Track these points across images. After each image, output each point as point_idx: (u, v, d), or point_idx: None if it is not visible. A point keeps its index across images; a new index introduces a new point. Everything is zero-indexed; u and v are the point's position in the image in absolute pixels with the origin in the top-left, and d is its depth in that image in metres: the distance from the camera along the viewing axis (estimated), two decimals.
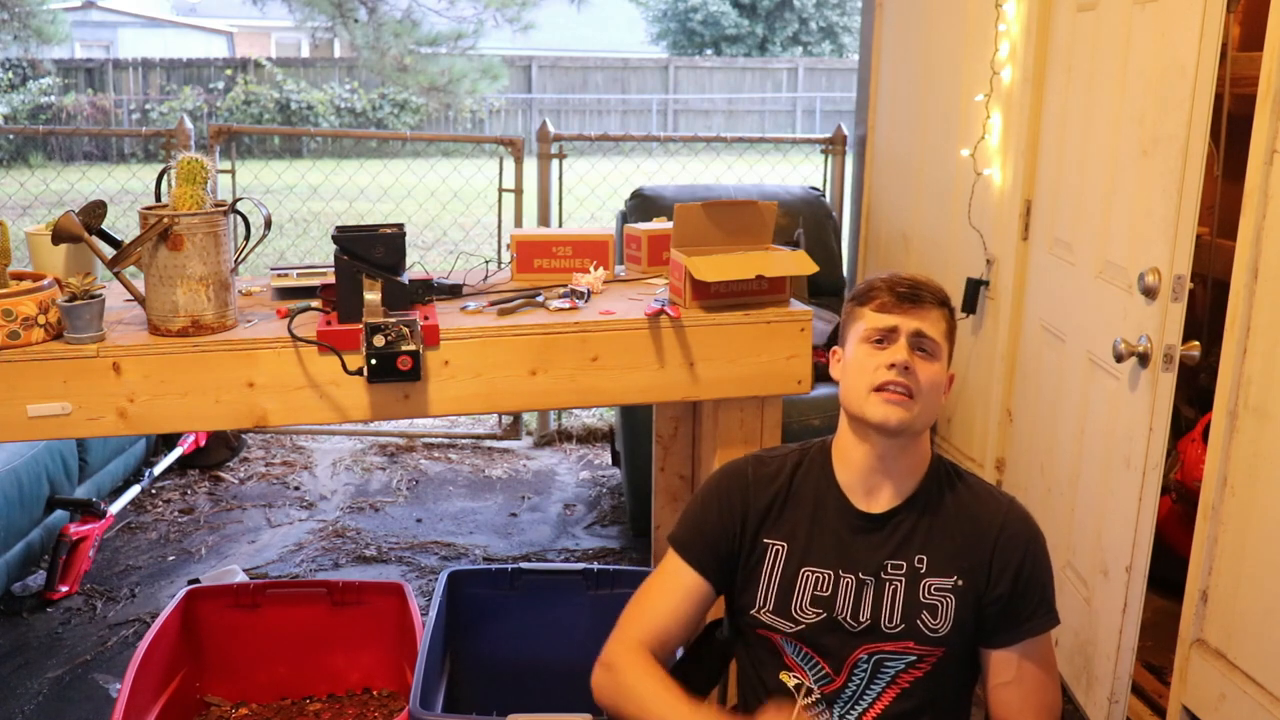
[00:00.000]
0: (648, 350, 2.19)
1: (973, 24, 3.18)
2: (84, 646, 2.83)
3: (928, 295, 1.55)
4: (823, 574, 1.56)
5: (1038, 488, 2.73)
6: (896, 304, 1.54)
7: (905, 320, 1.53)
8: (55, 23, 12.49)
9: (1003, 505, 1.58)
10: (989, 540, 1.55)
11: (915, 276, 1.58)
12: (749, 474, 1.64)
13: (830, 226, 3.88)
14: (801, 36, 22.21)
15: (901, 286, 1.55)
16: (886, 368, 1.51)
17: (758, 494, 1.61)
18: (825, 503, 1.59)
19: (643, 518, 3.29)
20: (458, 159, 7.23)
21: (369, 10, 11.71)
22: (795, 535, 1.59)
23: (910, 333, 1.53)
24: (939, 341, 1.54)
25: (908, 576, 1.54)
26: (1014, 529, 1.56)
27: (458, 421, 4.63)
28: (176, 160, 2.02)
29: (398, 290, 2.08)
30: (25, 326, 1.94)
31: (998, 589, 1.53)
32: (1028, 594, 1.54)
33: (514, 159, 4.17)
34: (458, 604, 2.41)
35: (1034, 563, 1.55)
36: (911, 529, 1.56)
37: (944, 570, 1.54)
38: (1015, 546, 1.54)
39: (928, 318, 1.54)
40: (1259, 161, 1.96)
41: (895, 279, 1.57)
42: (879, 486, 1.57)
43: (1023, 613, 1.54)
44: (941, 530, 1.56)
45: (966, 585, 1.53)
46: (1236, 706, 2.04)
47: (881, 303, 1.55)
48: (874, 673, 1.55)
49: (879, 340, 1.54)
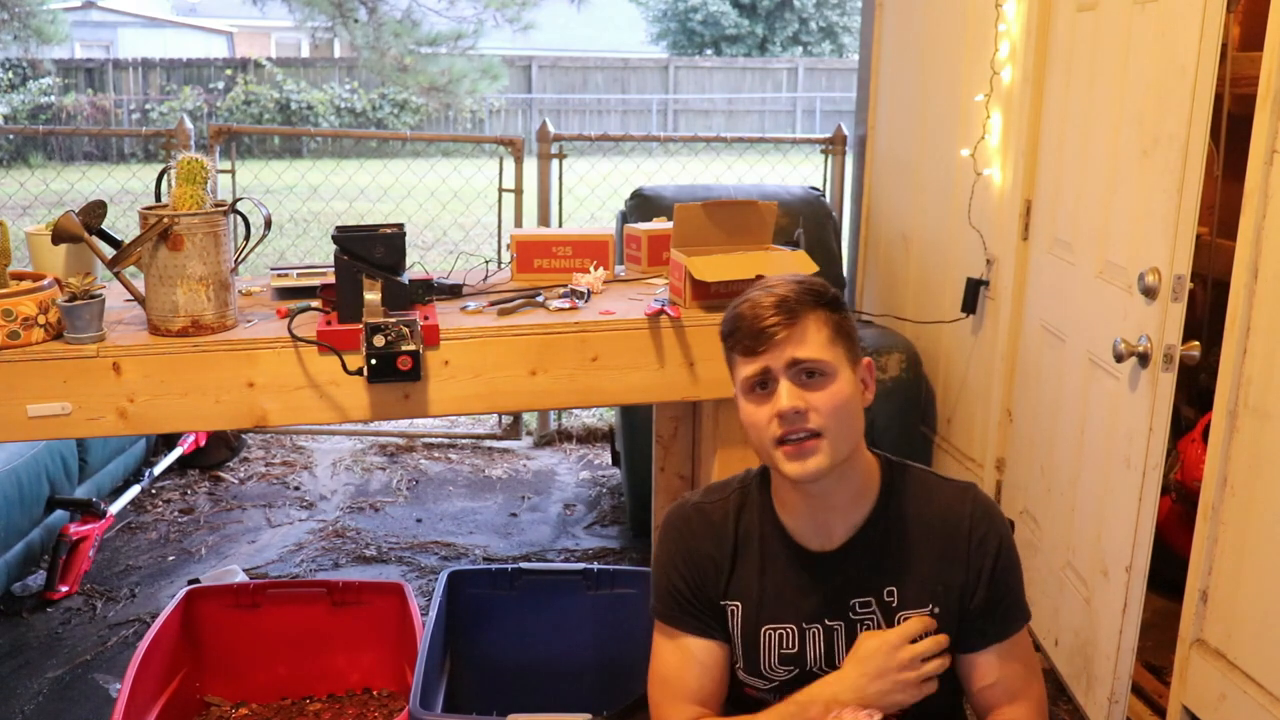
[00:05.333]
0: (648, 350, 2.19)
1: (973, 24, 3.18)
2: (84, 646, 2.83)
3: (793, 311, 1.37)
4: (785, 629, 1.47)
5: (1038, 488, 2.73)
6: (760, 341, 1.37)
7: (775, 356, 1.36)
8: (55, 23, 12.48)
9: (966, 505, 1.47)
10: (960, 551, 1.44)
11: (776, 290, 1.39)
12: (695, 526, 1.51)
13: (830, 226, 3.87)
14: (801, 36, 22.21)
15: (760, 318, 1.37)
16: (777, 419, 1.36)
17: (710, 547, 1.50)
18: (772, 550, 1.47)
19: (643, 518, 3.29)
20: (458, 159, 7.24)
21: (369, 10, 11.70)
22: (748, 593, 1.48)
23: (785, 367, 1.37)
24: (824, 357, 1.37)
25: (880, 611, 1.45)
26: (982, 531, 1.45)
27: (458, 421, 4.63)
28: (176, 160, 2.02)
29: (398, 290, 2.08)
30: (25, 326, 1.94)
31: (976, 599, 1.45)
32: (1005, 595, 1.46)
33: (514, 159, 4.17)
34: (458, 604, 2.41)
35: (1006, 562, 1.46)
36: (874, 560, 1.45)
37: (918, 600, 1.44)
38: (988, 551, 1.45)
39: (802, 338, 1.37)
40: (1259, 161, 1.96)
41: (753, 307, 1.39)
42: (827, 523, 1.45)
43: (998, 613, 1.46)
44: (909, 553, 1.45)
45: (943, 611, 1.44)
46: (1236, 706, 2.04)
47: (745, 345, 1.39)
48: None
49: (759, 385, 1.39)
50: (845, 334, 1.42)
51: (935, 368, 3.54)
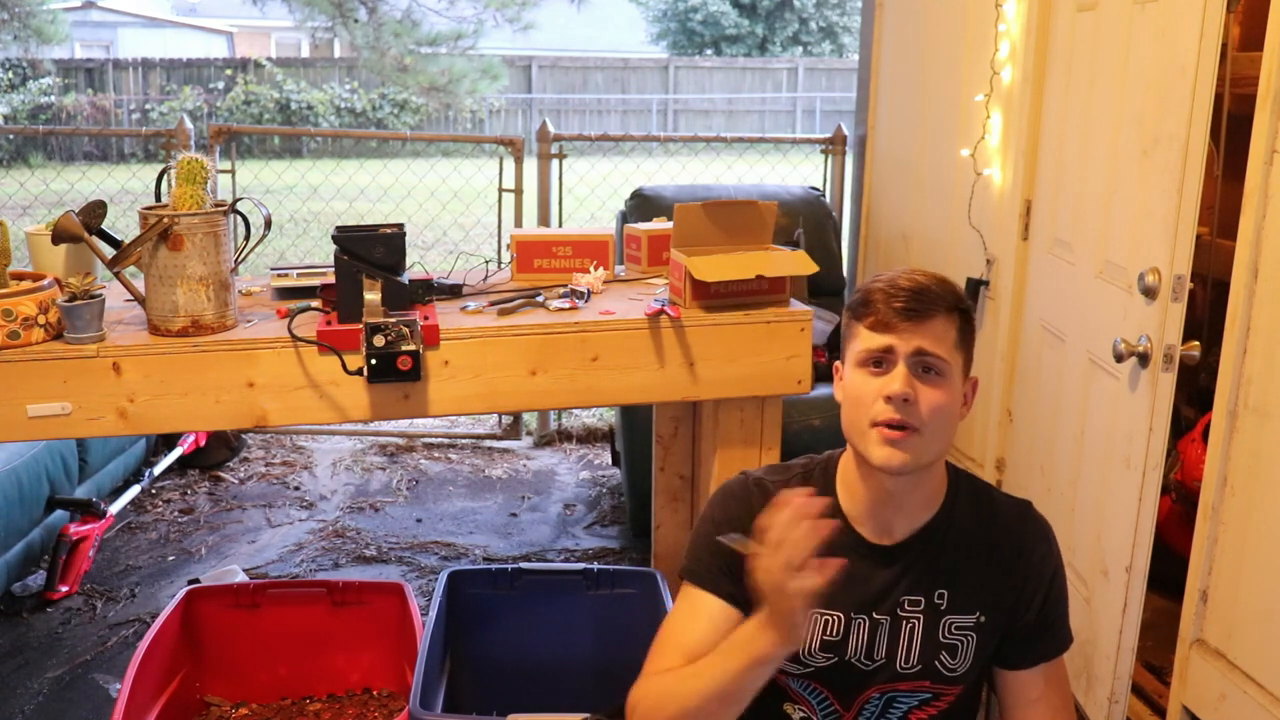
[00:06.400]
0: (648, 350, 2.19)
1: (973, 24, 3.18)
2: (84, 646, 2.83)
3: (932, 303, 1.36)
4: (832, 616, 1.44)
5: (1038, 488, 2.73)
6: (893, 319, 1.35)
7: (903, 339, 1.35)
8: (55, 23, 12.48)
9: (1026, 522, 1.48)
10: (1017, 568, 1.44)
11: (918, 278, 1.39)
12: (753, 498, 1.47)
13: (830, 226, 3.87)
14: (801, 36, 22.21)
15: (899, 298, 1.36)
16: (884, 400, 1.34)
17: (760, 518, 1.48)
18: (830, 536, 1.45)
19: (643, 518, 3.28)
20: (458, 159, 7.23)
21: (369, 10, 11.70)
22: None
23: (909, 354, 1.35)
24: (946, 358, 1.36)
25: (926, 614, 1.43)
26: (1042, 550, 1.46)
27: (458, 421, 4.63)
28: (176, 160, 2.03)
29: (398, 290, 2.08)
30: (25, 326, 1.94)
31: (1027, 616, 1.45)
32: (1055, 616, 1.47)
33: (514, 159, 4.17)
34: (458, 604, 2.41)
35: (1060, 582, 1.48)
36: (931, 561, 1.44)
37: (967, 607, 1.44)
38: (1046, 570, 1.46)
39: (931, 331, 1.36)
40: (1259, 161, 1.96)
41: (893, 286, 1.38)
42: (890, 520, 1.44)
43: (1050, 632, 1.46)
44: (965, 561, 1.44)
45: (989, 621, 1.44)
46: (1236, 706, 2.04)
47: (875, 319, 1.37)
48: (884, 709, 1.47)
49: (875, 363, 1.37)
50: (967, 344, 1.42)
51: None
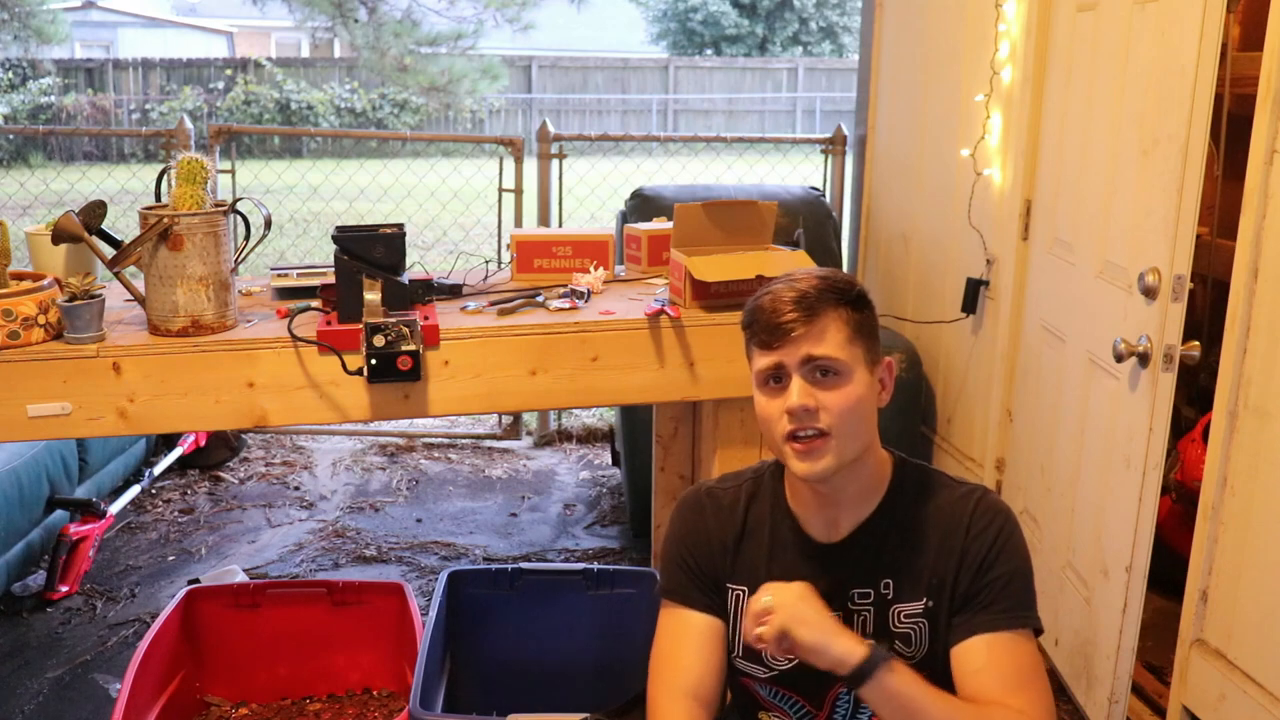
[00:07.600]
0: (648, 350, 2.19)
1: (973, 24, 3.18)
2: (84, 646, 2.83)
3: (812, 307, 1.36)
4: None
5: (1038, 488, 2.73)
6: (777, 334, 1.36)
7: (789, 351, 1.36)
8: (55, 23, 12.49)
9: (970, 503, 1.44)
10: (957, 545, 1.42)
11: (798, 285, 1.38)
12: (705, 508, 1.53)
13: (830, 226, 3.87)
14: (801, 36, 22.20)
15: (780, 311, 1.36)
16: (787, 415, 1.36)
17: (717, 528, 1.51)
18: (781, 537, 1.48)
19: (643, 518, 3.28)
20: (458, 159, 7.23)
21: (369, 10, 11.71)
22: (755, 578, 1.47)
23: (799, 363, 1.36)
24: (839, 356, 1.36)
25: (875, 605, 1.44)
26: (982, 524, 1.42)
27: (458, 421, 4.63)
28: (176, 160, 2.03)
29: (398, 290, 2.09)
30: (25, 326, 1.94)
31: (962, 585, 1.41)
32: (995, 589, 1.39)
33: (514, 159, 4.17)
34: (458, 604, 2.41)
35: (1001, 554, 1.40)
36: (876, 552, 1.45)
37: (913, 594, 1.43)
38: (984, 542, 1.41)
39: (820, 336, 1.35)
40: (1259, 161, 1.96)
41: (774, 300, 1.37)
42: (835, 517, 1.46)
43: (984, 604, 1.39)
44: (908, 549, 1.44)
45: (936, 605, 1.42)
46: (1236, 706, 2.04)
47: (760, 337, 1.38)
48: (858, 703, 1.47)
49: (773, 379, 1.38)
50: (866, 333, 1.41)
51: (935, 368, 3.54)
